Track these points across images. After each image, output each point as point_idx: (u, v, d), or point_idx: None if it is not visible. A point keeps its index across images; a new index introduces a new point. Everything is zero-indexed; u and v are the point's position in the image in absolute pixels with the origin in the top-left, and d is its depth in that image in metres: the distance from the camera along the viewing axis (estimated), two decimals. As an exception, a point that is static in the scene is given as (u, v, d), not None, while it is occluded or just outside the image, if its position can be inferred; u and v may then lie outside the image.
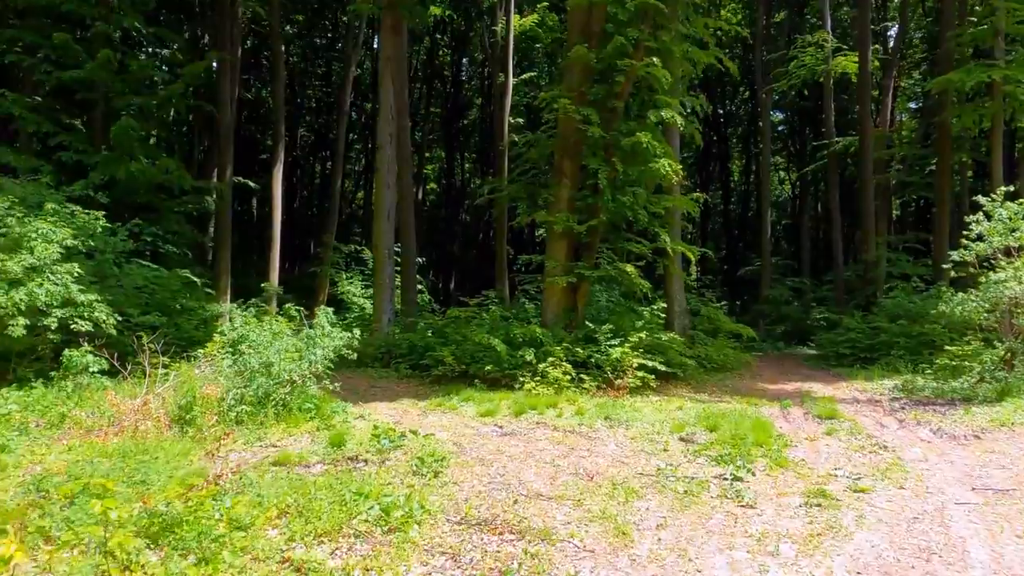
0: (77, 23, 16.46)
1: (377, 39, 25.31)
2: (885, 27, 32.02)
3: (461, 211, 39.37)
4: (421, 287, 22.27)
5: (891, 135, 27.70)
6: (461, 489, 5.63)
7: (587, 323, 12.97)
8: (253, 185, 23.74)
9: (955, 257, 12.66)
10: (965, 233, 12.60)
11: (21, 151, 15.00)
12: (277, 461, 6.34)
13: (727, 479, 6.03)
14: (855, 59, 24.04)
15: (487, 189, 23.34)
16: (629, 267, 13.86)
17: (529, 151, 16.34)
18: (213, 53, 19.79)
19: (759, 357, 19.11)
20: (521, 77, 28.23)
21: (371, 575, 3.93)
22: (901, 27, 27.71)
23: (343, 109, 27.03)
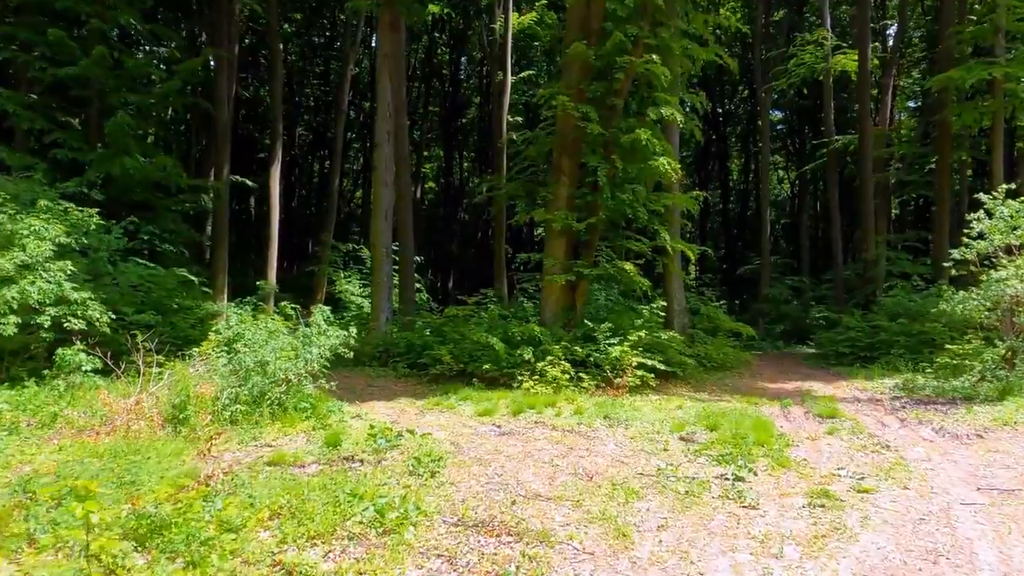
0: (73, 20, 16.34)
1: (375, 37, 25.19)
2: (884, 26, 31.96)
3: (460, 210, 39.29)
4: (419, 286, 22.19)
5: (890, 134, 27.64)
6: (458, 490, 5.53)
7: (586, 322, 12.87)
8: (251, 184, 23.63)
9: (956, 255, 12.58)
10: (966, 231, 12.54)
11: (16, 149, 14.89)
12: (271, 461, 6.24)
13: (728, 479, 5.93)
14: (855, 57, 23.98)
15: (485, 187, 23.29)
16: (628, 265, 13.76)
17: (528, 149, 16.25)
18: (209, 50, 19.67)
19: (758, 356, 19.05)
20: (520, 75, 28.17)
21: (364, 578, 3.82)
22: (900, 26, 27.65)
23: (341, 107, 26.94)
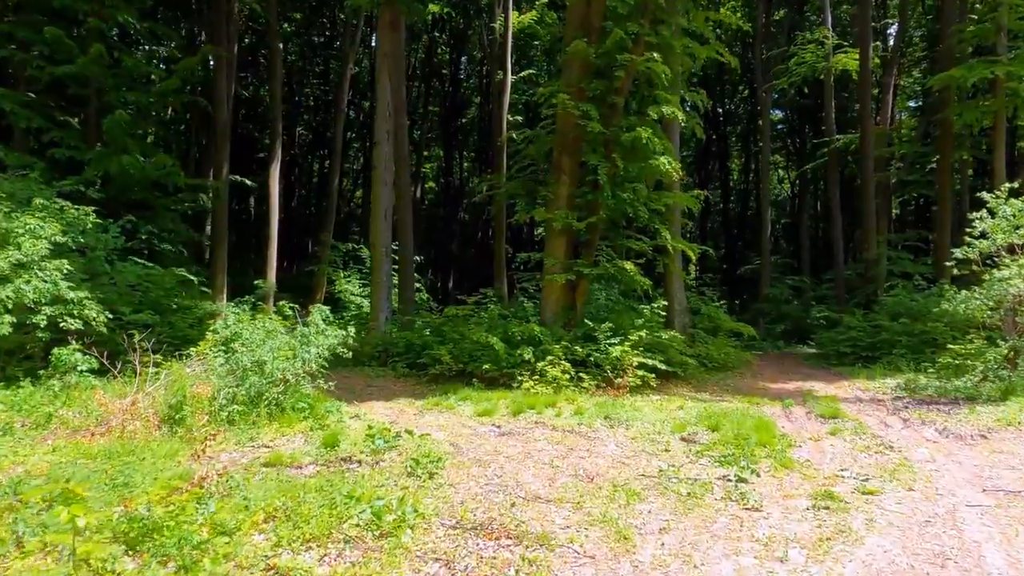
0: (72, 19, 16.27)
1: (375, 36, 25.13)
2: (885, 25, 31.90)
3: (460, 210, 39.22)
4: (419, 285, 22.12)
5: (891, 133, 27.58)
6: (457, 491, 5.45)
7: (586, 321, 12.79)
8: (250, 183, 23.57)
9: (958, 254, 12.50)
10: (968, 230, 12.47)
11: (15, 148, 14.82)
12: (268, 462, 6.17)
13: (731, 480, 5.86)
14: (856, 56, 23.92)
15: (485, 186, 23.21)
16: (629, 265, 13.67)
17: (528, 148, 16.18)
18: (207, 48, 19.59)
19: (759, 356, 18.98)
20: (520, 75, 28.09)
21: (360, 583, 3.74)
22: (901, 25, 27.58)
23: (340, 107, 26.87)
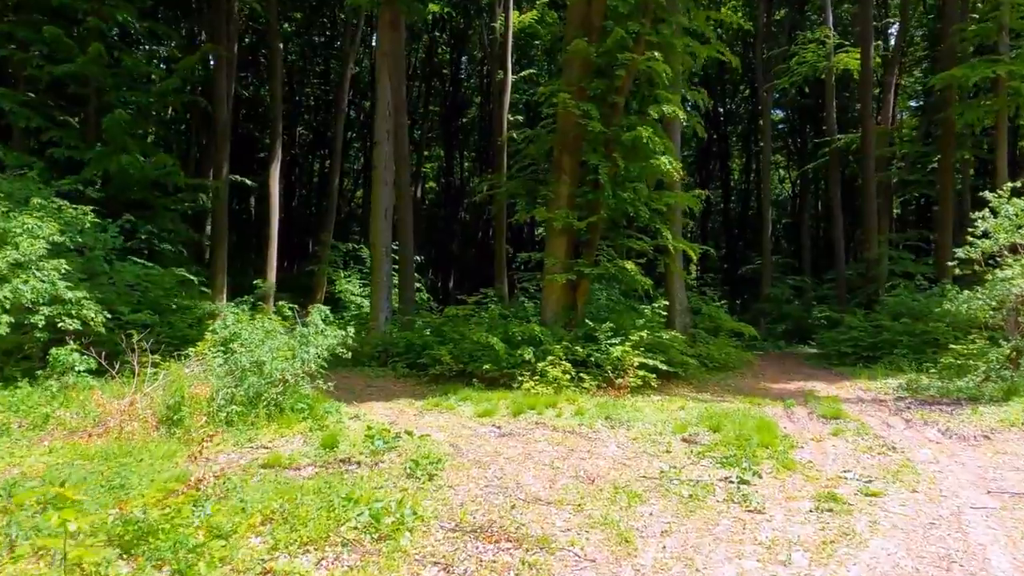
0: (72, 19, 16.22)
1: (376, 36, 25.07)
2: (886, 24, 31.84)
3: (460, 209, 39.18)
4: (419, 285, 22.07)
5: (892, 133, 27.52)
6: (456, 493, 5.40)
7: (587, 321, 12.73)
8: (250, 183, 23.54)
9: (960, 254, 12.43)
10: (971, 230, 12.41)
11: (14, 148, 14.77)
12: (267, 463, 6.12)
13: (733, 482, 5.80)
14: (857, 56, 23.87)
15: (486, 186, 23.14)
16: (630, 264, 13.61)
17: (528, 147, 16.12)
18: (207, 46, 19.54)
19: (760, 356, 18.92)
20: (520, 74, 28.04)
21: (358, 586, 3.70)
22: (902, 24, 27.53)
23: (341, 107, 26.82)
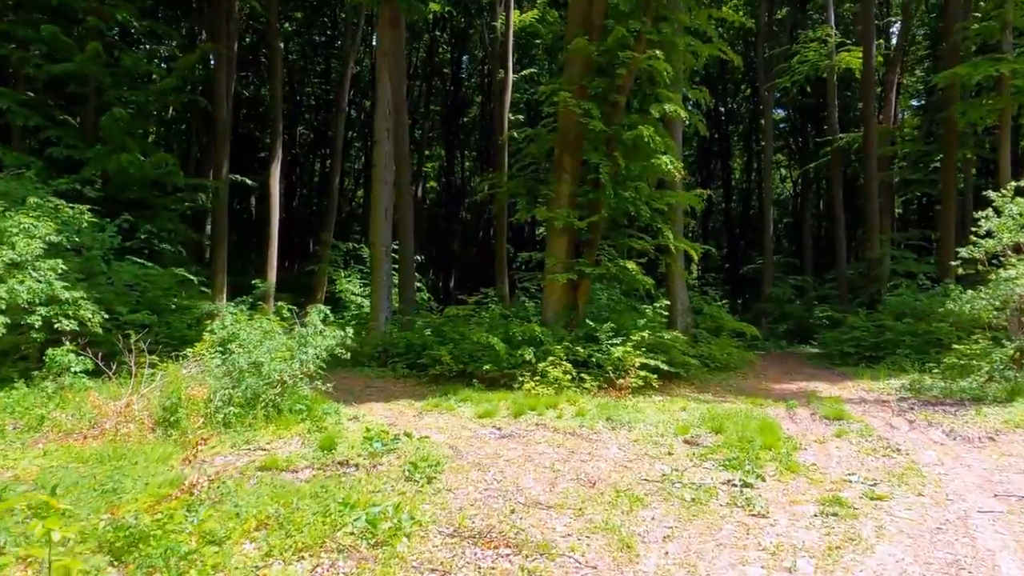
0: (72, 19, 16.14)
1: (376, 36, 25.00)
2: (888, 23, 31.76)
3: (461, 209, 39.13)
4: (420, 285, 22.00)
5: (894, 132, 27.43)
6: (455, 497, 5.32)
7: (588, 321, 12.66)
8: (251, 183, 23.48)
9: (964, 254, 12.36)
10: (974, 229, 12.33)
11: (14, 148, 14.71)
12: (264, 466, 6.05)
13: (736, 485, 5.72)
14: (859, 55, 23.79)
15: (487, 185, 23.07)
16: (631, 264, 13.54)
17: (529, 146, 16.05)
18: (206, 45, 19.47)
19: (762, 356, 18.85)
20: (521, 73, 27.96)
21: (354, 594, 3.63)
22: (904, 23, 27.45)
23: (341, 106, 26.74)
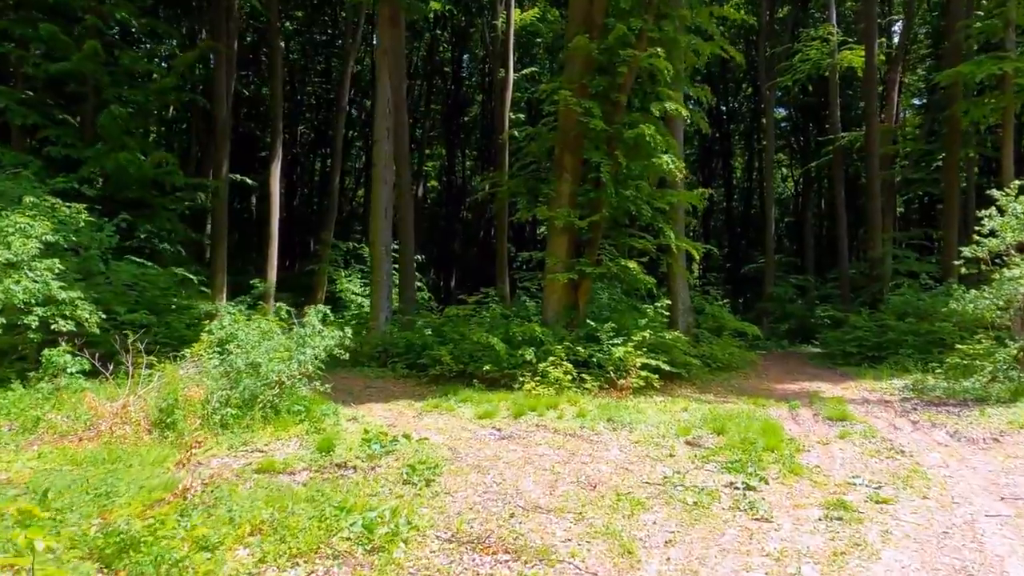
0: (72, 18, 16.07)
1: (376, 34, 24.92)
2: (890, 21, 31.66)
3: (462, 208, 39.06)
4: (420, 285, 21.93)
5: (896, 131, 27.33)
6: (454, 500, 5.25)
7: (589, 321, 12.59)
8: (251, 182, 23.41)
9: (967, 253, 12.28)
10: (977, 228, 12.25)
11: (13, 147, 14.64)
12: (260, 468, 5.98)
13: (739, 488, 5.64)
14: (861, 53, 23.69)
15: (487, 184, 23.00)
16: (632, 264, 13.47)
17: (529, 145, 15.98)
18: (205, 43, 19.38)
19: (763, 355, 18.78)
20: (522, 72, 27.89)
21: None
22: (906, 21, 27.36)
23: (342, 105, 26.67)
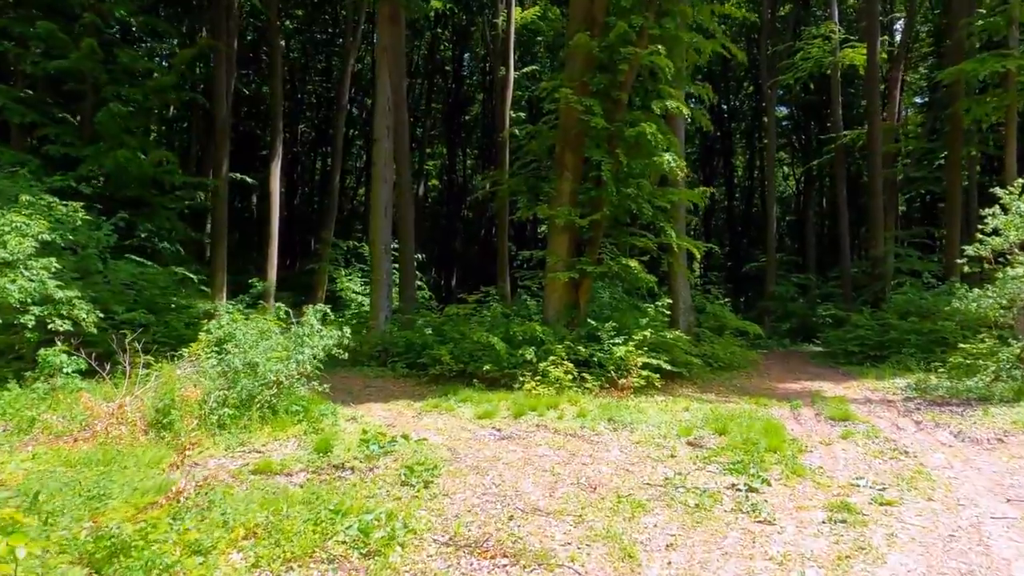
0: (72, 16, 15.99)
1: (376, 33, 24.85)
2: (892, 19, 31.55)
3: (463, 207, 39.00)
4: (421, 284, 21.86)
5: (898, 129, 27.23)
6: (452, 502, 5.18)
7: (589, 320, 12.53)
8: (251, 181, 23.34)
9: (970, 252, 12.22)
10: (980, 227, 12.19)
11: (13, 146, 14.58)
12: (257, 469, 5.92)
13: (741, 490, 5.57)
14: (863, 51, 23.61)
15: (488, 183, 22.93)
16: (633, 262, 13.40)
17: (530, 143, 15.89)
18: (204, 40, 19.31)
19: (765, 354, 18.71)
20: (523, 71, 27.82)
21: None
22: (908, 19, 27.26)
23: (342, 104, 26.59)
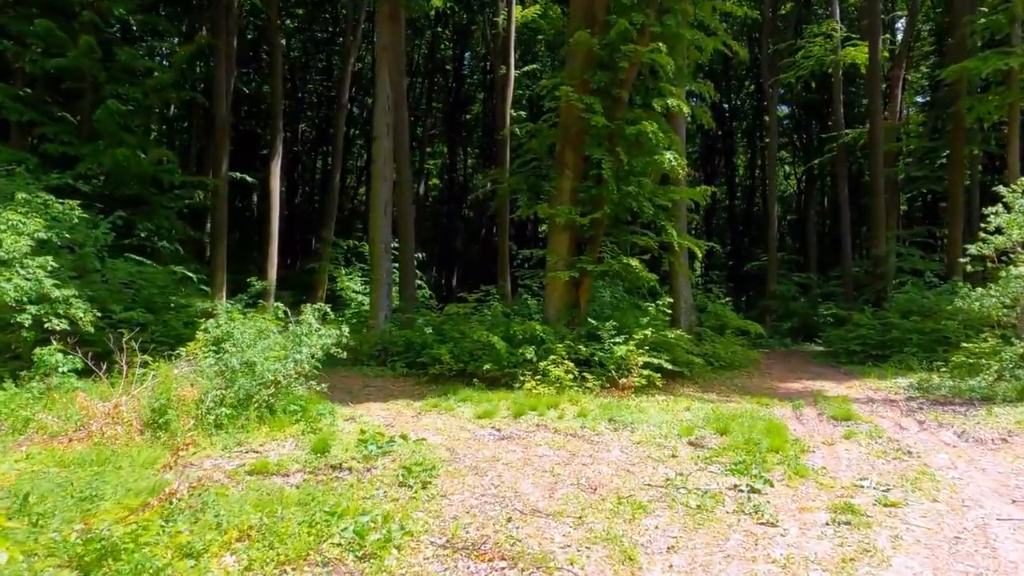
0: (71, 14, 15.91)
1: (376, 31, 24.78)
2: (894, 18, 31.46)
3: (463, 206, 38.94)
4: (421, 283, 21.80)
5: (900, 128, 27.14)
6: (450, 503, 5.11)
7: (590, 319, 12.46)
8: (251, 180, 23.27)
9: (973, 250, 12.15)
10: (983, 226, 12.13)
11: (11, 145, 14.52)
12: (253, 469, 5.85)
13: (743, 491, 5.50)
14: (864, 50, 23.53)
15: (488, 182, 22.88)
16: (634, 261, 13.33)
17: (531, 141, 15.83)
18: (202, 37, 19.24)
19: (766, 354, 18.64)
20: (523, 69, 27.75)
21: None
22: (910, 18, 27.17)
23: (342, 103, 26.54)
